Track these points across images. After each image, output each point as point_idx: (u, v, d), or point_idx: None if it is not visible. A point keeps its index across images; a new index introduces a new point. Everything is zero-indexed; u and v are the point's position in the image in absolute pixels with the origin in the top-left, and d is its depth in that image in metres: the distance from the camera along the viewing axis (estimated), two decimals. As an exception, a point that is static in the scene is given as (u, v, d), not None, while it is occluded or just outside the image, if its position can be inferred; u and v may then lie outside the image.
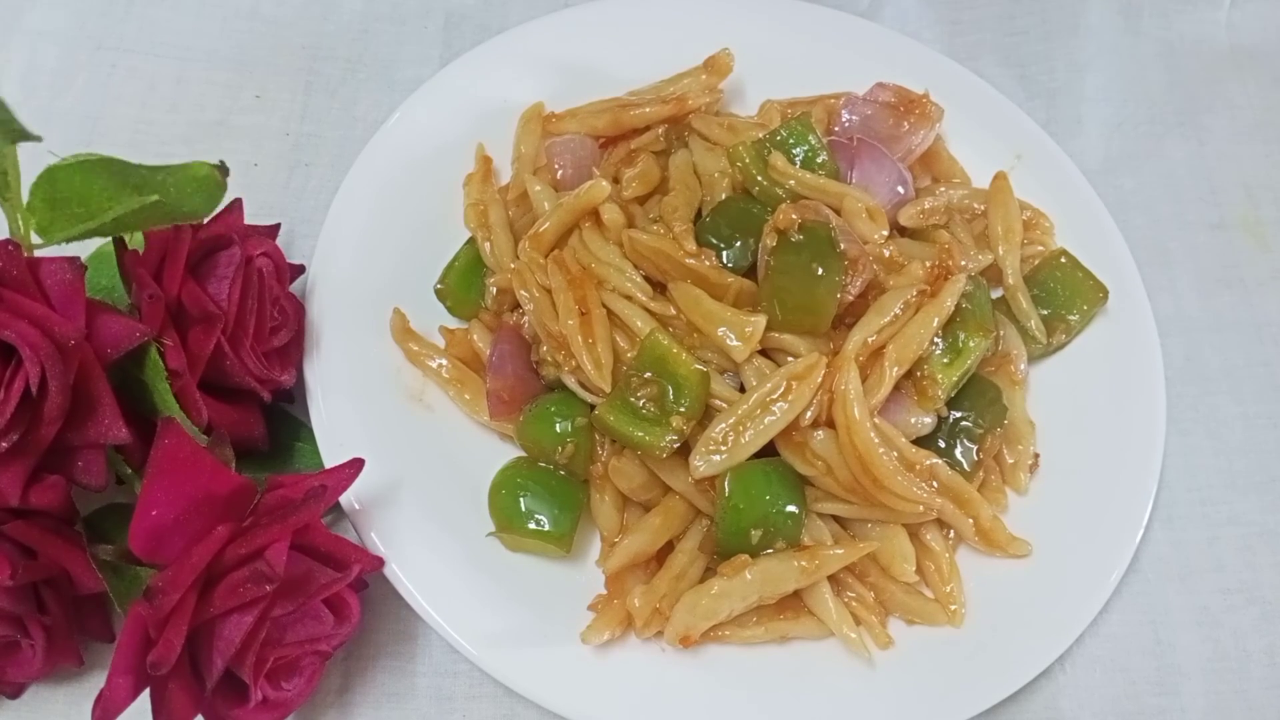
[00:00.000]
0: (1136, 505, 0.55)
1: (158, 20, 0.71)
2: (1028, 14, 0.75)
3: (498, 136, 0.63)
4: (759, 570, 0.49)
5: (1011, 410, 0.55)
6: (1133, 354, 0.58)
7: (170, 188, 0.43)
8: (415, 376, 0.56)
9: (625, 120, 0.61)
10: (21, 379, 0.40)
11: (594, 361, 0.51)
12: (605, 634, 0.49)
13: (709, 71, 0.63)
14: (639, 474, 0.52)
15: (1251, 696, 0.54)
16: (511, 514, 0.51)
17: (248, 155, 0.66)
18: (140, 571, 0.46)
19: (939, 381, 0.52)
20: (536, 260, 0.55)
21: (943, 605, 0.52)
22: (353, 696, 0.52)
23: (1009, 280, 0.58)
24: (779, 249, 0.51)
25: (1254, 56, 0.74)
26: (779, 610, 0.51)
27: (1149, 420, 0.57)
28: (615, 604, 0.50)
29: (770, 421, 0.49)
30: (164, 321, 0.47)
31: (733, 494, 0.49)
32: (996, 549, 0.53)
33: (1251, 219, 0.68)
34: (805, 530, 0.51)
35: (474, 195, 0.60)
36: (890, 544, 0.52)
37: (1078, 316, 0.58)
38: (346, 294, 0.56)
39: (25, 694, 0.49)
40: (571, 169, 0.59)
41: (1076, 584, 0.53)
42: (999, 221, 0.59)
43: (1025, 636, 0.51)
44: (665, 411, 0.49)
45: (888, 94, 0.62)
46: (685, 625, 0.49)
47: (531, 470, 0.53)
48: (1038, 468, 0.56)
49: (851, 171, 0.58)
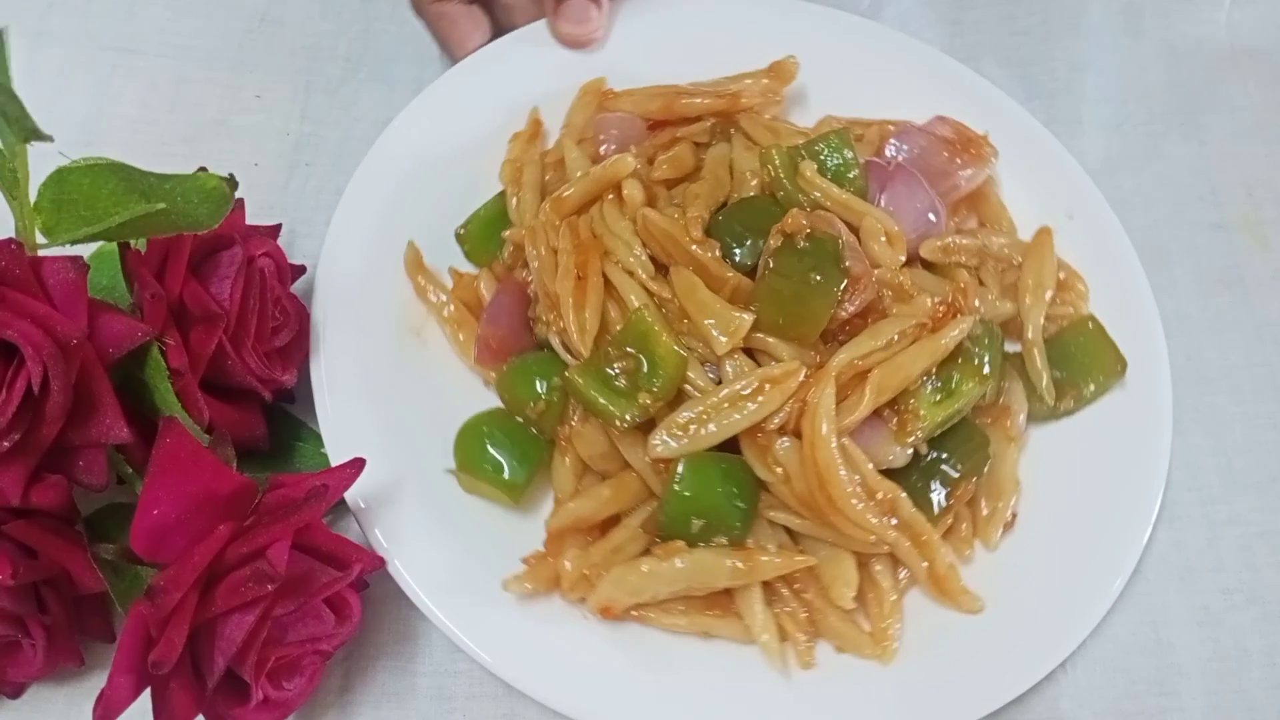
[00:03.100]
0: (1141, 510, 0.54)
1: (158, 20, 0.71)
2: (1028, 14, 0.75)
3: (500, 136, 0.63)
4: (692, 559, 0.49)
5: (999, 465, 0.54)
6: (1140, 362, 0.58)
7: (178, 197, 0.43)
8: (419, 313, 0.58)
9: (677, 107, 0.61)
10: (23, 378, 0.40)
11: (578, 325, 0.52)
12: (528, 587, 0.50)
13: (771, 76, 0.63)
14: (600, 443, 0.52)
15: (1251, 696, 0.54)
16: (473, 455, 0.53)
17: (248, 155, 0.66)
18: (141, 571, 0.46)
19: (922, 417, 0.51)
20: (552, 221, 0.55)
21: (876, 640, 0.51)
22: (353, 696, 0.52)
23: (1028, 335, 0.57)
24: (781, 251, 0.51)
25: (1254, 56, 0.74)
26: (707, 605, 0.51)
27: (1154, 425, 0.57)
28: (549, 562, 0.50)
29: (736, 418, 0.49)
30: (166, 321, 0.47)
31: (684, 479, 0.49)
32: (947, 599, 0.51)
33: (1251, 219, 0.68)
34: (752, 534, 0.51)
35: (514, 152, 0.62)
36: (833, 566, 0.51)
37: (1093, 387, 0.57)
38: (352, 294, 0.56)
39: (25, 694, 0.49)
40: (615, 145, 0.59)
41: (1079, 589, 0.52)
42: (1030, 274, 0.58)
43: (1027, 640, 0.51)
44: (636, 387, 0.50)
45: (947, 129, 0.61)
46: (609, 597, 0.49)
47: (503, 420, 0.54)
48: (1012, 528, 0.54)
49: (881, 194, 0.57)
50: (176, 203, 0.42)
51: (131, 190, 0.42)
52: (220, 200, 0.43)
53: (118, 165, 0.43)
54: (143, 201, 0.42)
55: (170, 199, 0.42)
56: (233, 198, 0.44)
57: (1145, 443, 0.56)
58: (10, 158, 0.43)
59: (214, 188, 0.44)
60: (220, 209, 0.43)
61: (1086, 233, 0.61)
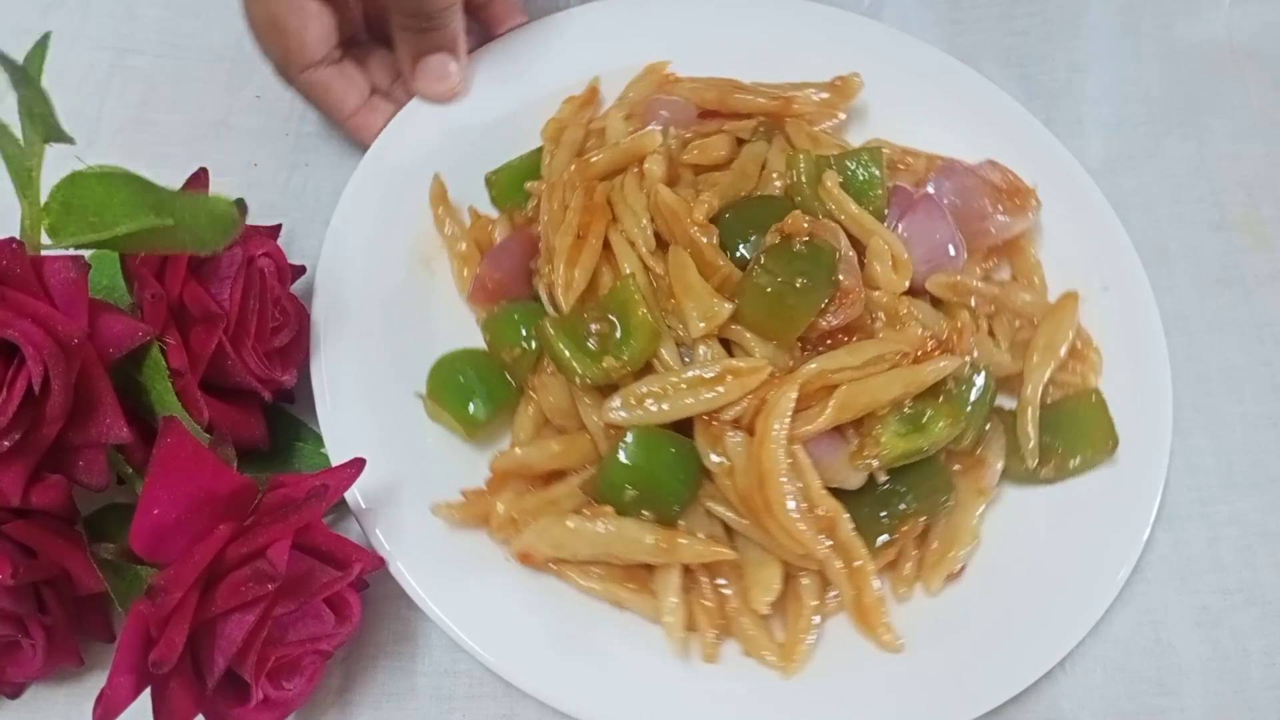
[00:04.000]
0: (1141, 510, 0.54)
1: (158, 20, 0.71)
2: (1028, 14, 0.75)
3: (501, 135, 0.63)
4: (616, 526, 0.50)
5: (961, 514, 0.53)
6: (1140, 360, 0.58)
7: (187, 215, 0.43)
8: (434, 244, 0.60)
9: (730, 100, 0.61)
10: (24, 378, 0.40)
11: (565, 280, 0.53)
12: (458, 518, 0.51)
13: (833, 91, 0.63)
14: (562, 398, 0.53)
15: (1251, 696, 0.54)
16: (445, 385, 0.55)
17: (248, 155, 0.66)
18: (141, 571, 0.46)
19: (883, 445, 0.50)
20: (573, 181, 0.56)
21: (784, 652, 0.50)
22: (353, 696, 0.52)
23: (1026, 392, 0.55)
24: (774, 250, 0.51)
25: (1254, 57, 0.74)
26: (627, 576, 0.51)
27: (1154, 425, 0.57)
28: (485, 500, 0.52)
29: (690, 401, 0.50)
30: (166, 321, 0.47)
31: (630, 448, 0.49)
32: (867, 631, 0.51)
33: (1251, 219, 0.68)
34: (686, 518, 0.51)
35: (563, 112, 0.63)
36: (758, 569, 0.50)
37: (1078, 460, 0.55)
38: (352, 294, 0.56)
39: (25, 694, 0.49)
40: (662, 125, 0.59)
41: (1079, 589, 0.53)
42: (1044, 334, 0.57)
43: (1027, 639, 0.51)
44: (604, 351, 0.51)
45: (996, 174, 0.60)
46: (530, 544, 0.50)
47: (481, 361, 0.56)
48: (958, 578, 0.53)
49: (901, 220, 0.56)
50: (185, 221, 0.42)
51: (142, 203, 0.42)
52: (229, 225, 0.43)
53: (131, 176, 0.43)
54: (153, 215, 0.42)
55: (180, 216, 0.42)
56: (242, 223, 0.44)
57: (1145, 443, 0.56)
58: (28, 155, 0.43)
59: (224, 212, 0.44)
60: (228, 234, 0.44)
61: (1121, 303, 0.60)
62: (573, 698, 0.48)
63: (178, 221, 0.42)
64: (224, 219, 0.44)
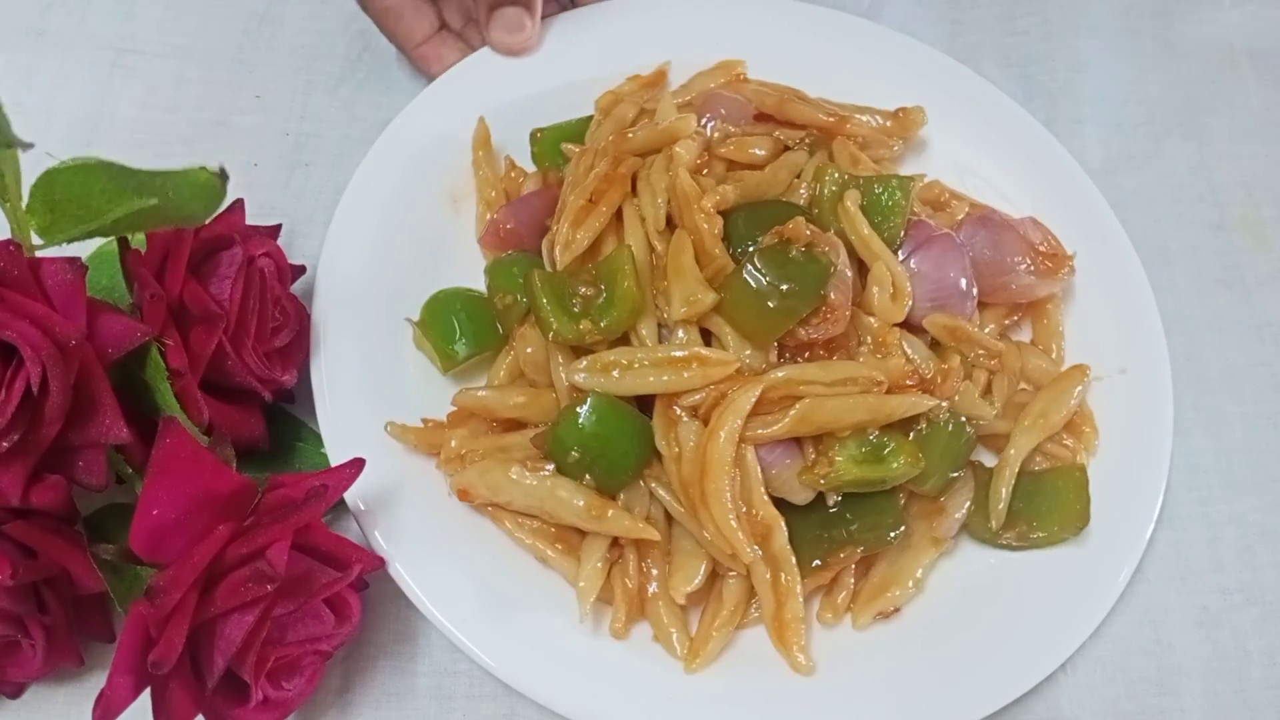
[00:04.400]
0: (1141, 510, 0.54)
1: (157, 20, 0.71)
2: (1028, 14, 0.75)
3: (502, 135, 0.63)
4: (552, 483, 0.50)
5: (909, 557, 0.52)
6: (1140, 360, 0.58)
7: (169, 192, 0.43)
8: (466, 186, 0.61)
9: (788, 109, 0.61)
10: (22, 379, 0.40)
11: (565, 239, 0.53)
12: (412, 441, 0.53)
13: (895, 121, 0.63)
14: (539, 352, 0.54)
15: (1251, 696, 0.54)
16: (434, 317, 0.56)
17: (248, 155, 0.66)
18: (141, 571, 0.46)
19: (837, 467, 0.49)
20: (606, 150, 0.57)
21: (694, 647, 0.50)
22: (353, 696, 0.52)
23: (1008, 454, 0.54)
24: (768, 251, 0.51)
25: (1254, 57, 0.74)
26: (558, 537, 0.52)
27: (1154, 425, 0.57)
28: (441, 432, 0.53)
29: (652, 379, 0.50)
30: (165, 321, 0.47)
31: (587, 412, 0.50)
32: (779, 647, 0.50)
33: (1252, 219, 0.68)
34: (627, 494, 0.51)
35: (624, 87, 0.64)
36: (684, 559, 0.50)
37: (1043, 535, 0.53)
38: (352, 294, 0.56)
39: (25, 694, 0.49)
40: (716, 120, 0.60)
41: (1080, 590, 0.52)
42: (1041, 401, 0.55)
43: (1027, 641, 0.51)
44: (584, 313, 0.51)
45: (1037, 234, 0.58)
46: (470, 482, 0.51)
47: (476, 303, 0.57)
48: (889, 618, 0.52)
49: (914, 253, 0.55)
50: (169, 197, 0.42)
51: (123, 187, 0.42)
52: (212, 194, 0.43)
53: (106, 163, 0.42)
54: (135, 198, 0.42)
55: (162, 194, 0.42)
56: (224, 190, 0.43)
57: (1145, 443, 0.56)
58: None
59: (205, 181, 0.43)
60: (213, 202, 0.43)
61: (1137, 386, 0.58)
62: (571, 700, 0.48)
63: (161, 199, 0.42)
64: (207, 188, 0.43)
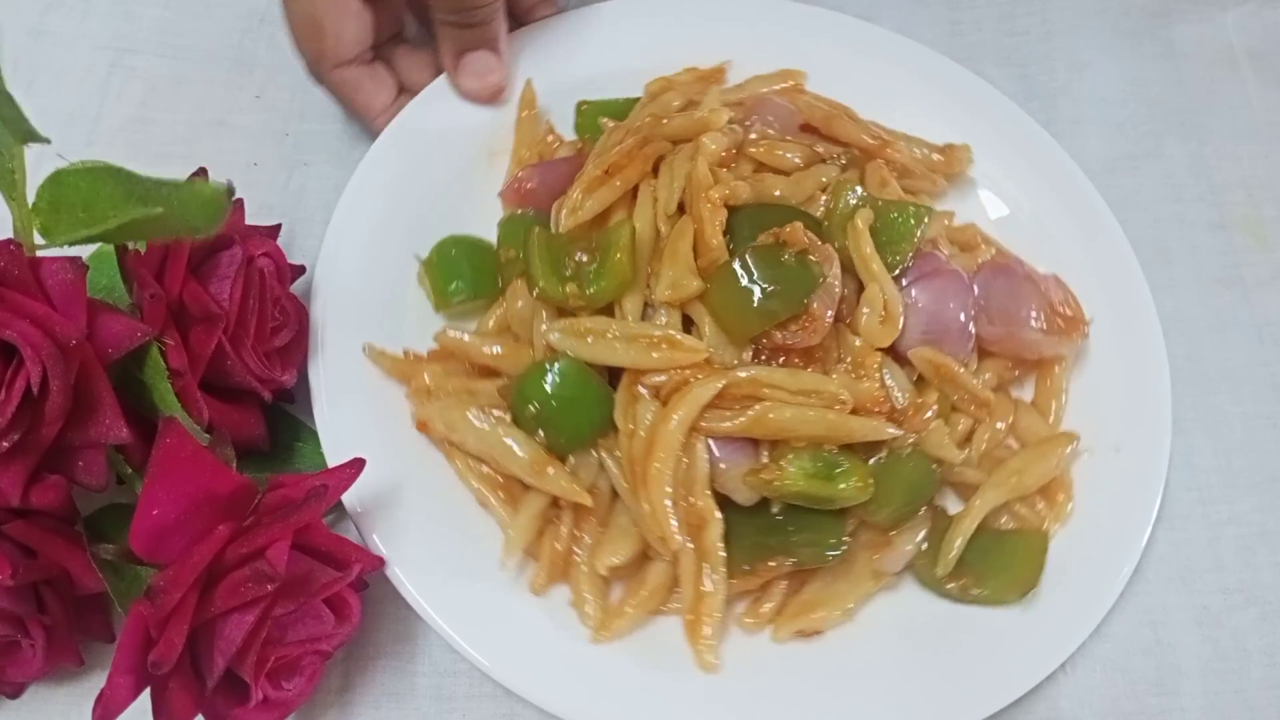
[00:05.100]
0: (1142, 510, 0.54)
1: (157, 20, 0.71)
2: (1028, 14, 0.75)
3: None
4: (501, 430, 0.51)
5: (846, 584, 0.52)
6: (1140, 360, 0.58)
7: (175, 202, 0.43)
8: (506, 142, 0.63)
9: (833, 125, 0.60)
10: (23, 379, 0.40)
11: (573, 205, 0.54)
12: (386, 366, 0.55)
13: (945, 156, 0.62)
14: (526, 307, 0.54)
15: (1251, 696, 0.54)
16: (441, 257, 0.58)
17: (248, 155, 0.66)
18: (141, 571, 0.46)
19: (783, 476, 0.49)
20: (637, 129, 0.57)
21: (606, 619, 0.50)
22: (353, 696, 0.52)
23: (973, 504, 0.52)
24: (761, 249, 0.51)
25: (1254, 57, 0.74)
26: (504, 487, 0.52)
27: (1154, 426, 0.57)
28: (416, 366, 0.55)
29: (620, 351, 0.50)
30: (165, 321, 0.47)
31: (554, 371, 0.51)
32: (689, 639, 0.50)
33: (1252, 219, 0.68)
34: (578, 459, 0.52)
35: (679, 77, 0.64)
36: (616, 534, 0.51)
37: (985, 593, 0.52)
38: (351, 294, 0.56)
39: (25, 694, 0.49)
40: (760, 125, 0.59)
41: (1080, 590, 0.52)
42: (1020, 460, 0.54)
43: (1027, 642, 0.51)
44: (574, 278, 0.52)
45: (1058, 293, 0.57)
46: (429, 415, 0.53)
47: (484, 252, 0.59)
48: (808, 638, 0.51)
49: (916, 282, 0.53)
50: (174, 208, 0.42)
51: (129, 194, 0.42)
52: (218, 208, 0.43)
53: (115, 169, 0.43)
54: (140, 206, 0.42)
55: (167, 204, 0.42)
56: (230, 206, 0.44)
57: (1145, 443, 0.56)
58: (8, 159, 0.43)
59: (211, 196, 0.44)
60: (217, 217, 0.44)
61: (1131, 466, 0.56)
62: (570, 702, 0.48)
63: (166, 209, 0.42)
64: (212, 202, 0.44)
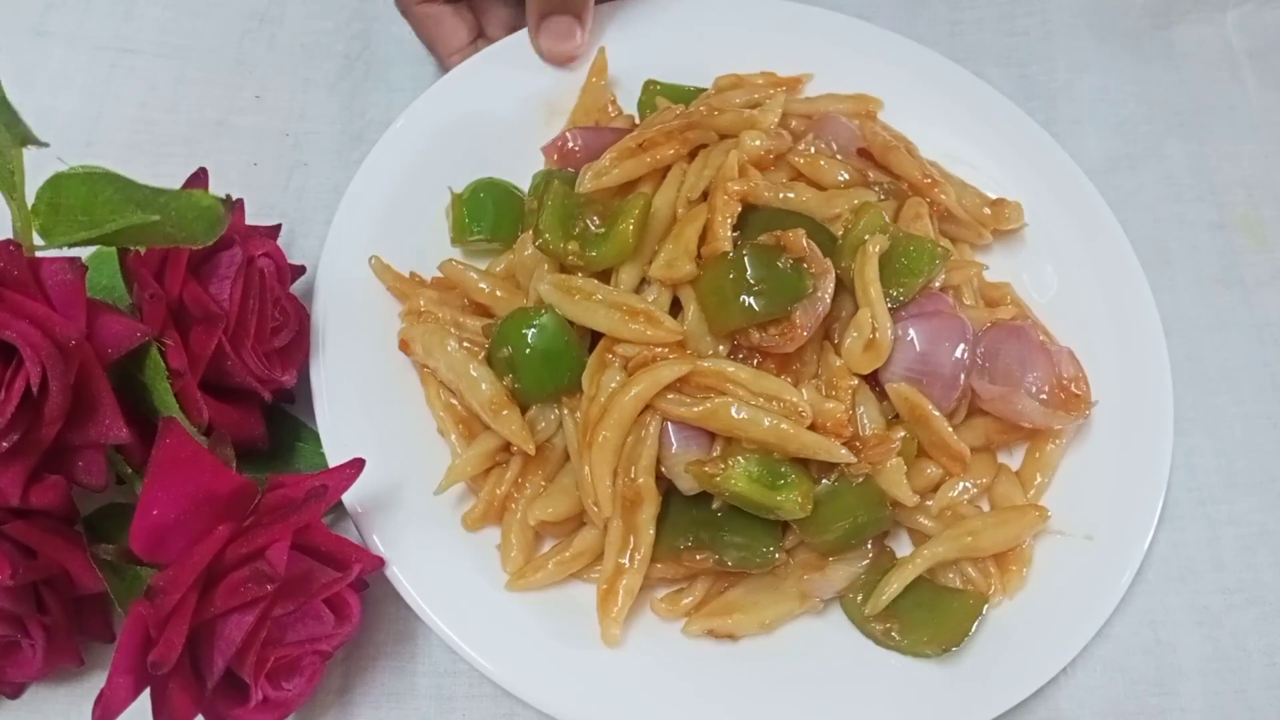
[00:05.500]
0: (1143, 512, 0.54)
1: (157, 20, 0.71)
2: (1028, 14, 0.75)
3: (502, 136, 0.63)
4: (476, 373, 0.52)
5: (770, 599, 0.51)
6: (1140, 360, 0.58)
7: (172, 211, 0.43)
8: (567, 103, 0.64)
9: (889, 154, 0.59)
10: (22, 379, 0.40)
11: (598, 170, 0.55)
12: (389, 281, 0.57)
13: (994, 211, 0.61)
14: (532, 257, 0.55)
15: (1251, 696, 0.54)
16: (471, 194, 0.60)
17: (247, 155, 0.66)
18: (141, 571, 0.46)
19: (726, 475, 0.49)
20: (686, 114, 0.58)
21: (524, 570, 0.51)
22: (353, 696, 0.52)
23: (919, 552, 0.52)
24: (757, 248, 0.51)
25: (1254, 57, 0.74)
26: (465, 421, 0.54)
27: (1155, 426, 0.57)
28: (417, 289, 0.57)
29: (599, 315, 0.51)
30: (165, 321, 0.47)
31: (538, 320, 0.51)
32: (599, 612, 0.50)
33: (1252, 219, 0.68)
34: (540, 409, 0.53)
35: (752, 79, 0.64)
36: (555, 492, 0.52)
37: (905, 641, 0.51)
38: (352, 294, 0.56)
39: (25, 694, 0.49)
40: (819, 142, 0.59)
41: (1081, 592, 0.52)
42: (979, 521, 0.53)
43: (1028, 644, 0.51)
44: (579, 237, 0.53)
45: (1069, 367, 0.55)
46: (411, 336, 0.54)
47: (511, 199, 0.60)
48: (720, 640, 0.51)
49: (914, 319, 0.53)
50: (171, 216, 0.43)
51: (127, 200, 0.43)
52: (215, 220, 0.44)
53: (114, 175, 0.43)
54: (139, 212, 0.42)
55: (165, 212, 0.43)
56: (228, 218, 0.44)
57: (1146, 444, 0.56)
58: (7, 160, 0.43)
59: (209, 206, 0.44)
60: (215, 227, 0.44)
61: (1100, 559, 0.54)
62: (569, 704, 0.48)
63: (164, 217, 0.42)
64: (210, 213, 0.44)
